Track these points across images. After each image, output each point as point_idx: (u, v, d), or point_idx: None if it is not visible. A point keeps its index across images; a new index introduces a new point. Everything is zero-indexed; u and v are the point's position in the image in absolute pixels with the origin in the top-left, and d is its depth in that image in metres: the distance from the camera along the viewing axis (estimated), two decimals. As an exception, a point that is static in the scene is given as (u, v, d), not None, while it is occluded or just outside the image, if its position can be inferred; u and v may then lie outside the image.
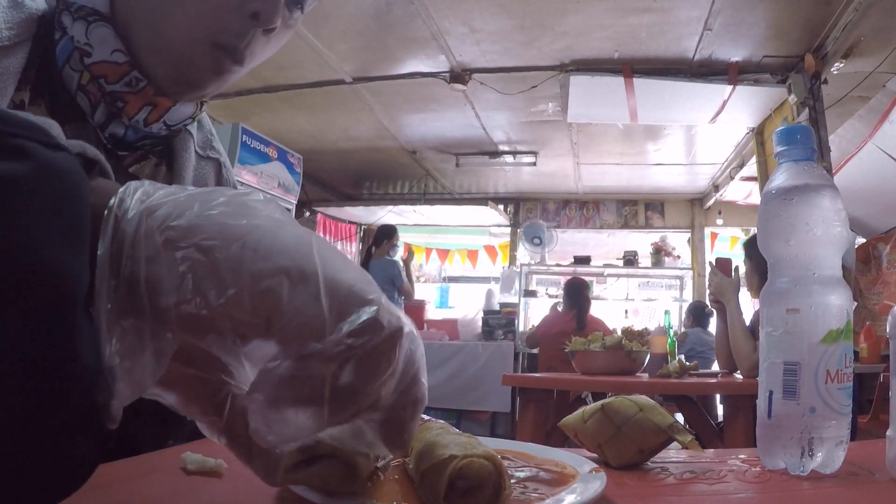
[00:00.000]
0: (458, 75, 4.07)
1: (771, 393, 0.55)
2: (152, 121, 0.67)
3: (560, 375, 2.98)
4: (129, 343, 0.30)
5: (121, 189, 0.32)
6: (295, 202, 5.03)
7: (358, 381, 0.29)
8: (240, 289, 0.29)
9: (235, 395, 0.34)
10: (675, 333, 3.44)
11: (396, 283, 4.88)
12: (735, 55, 3.72)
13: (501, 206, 6.85)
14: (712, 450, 0.69)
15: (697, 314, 5.16)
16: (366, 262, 5.17)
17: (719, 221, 6.56)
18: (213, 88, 0.68)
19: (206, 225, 0.30)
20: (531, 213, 7.10)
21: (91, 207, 0.30)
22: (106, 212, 0.30)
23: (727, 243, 6.85)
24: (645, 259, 6.75)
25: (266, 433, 0.30)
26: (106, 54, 0.62)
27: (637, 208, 7.00)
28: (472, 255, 7.84)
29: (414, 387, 0.33)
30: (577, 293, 4.46)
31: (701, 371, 2.82)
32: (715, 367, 3.32)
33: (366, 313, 0.30)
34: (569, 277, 5.48)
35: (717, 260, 2.65)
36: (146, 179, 0.33)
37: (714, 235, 6.89)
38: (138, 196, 0.31)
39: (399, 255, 5.40)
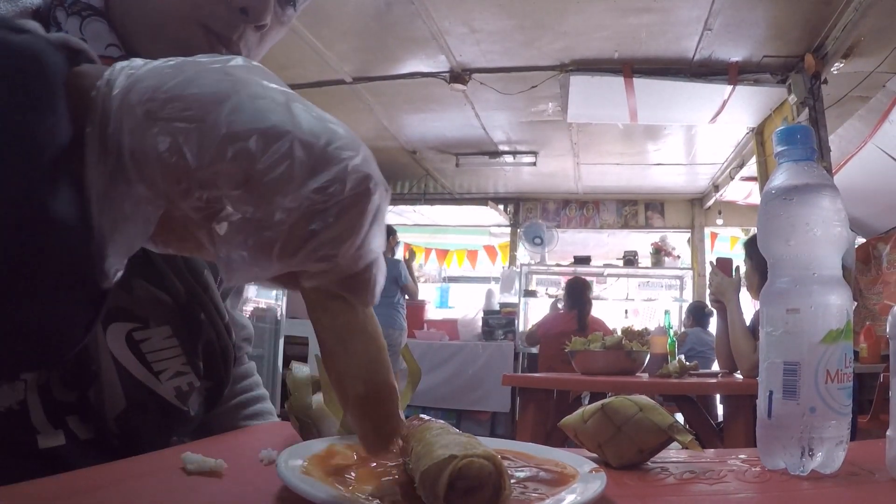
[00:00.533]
0: (458, 75, 4.07)
1: (771, 393, 0.55)
2: None
3: (560, 375, 2.98)
4: (120, 210, 0.33)
5: (107, 70, 0.34)
6: (295, 202, 5.03)
7: (322, 233, 0.32)
8: (217, 149, 0.31)
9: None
10: (675, 333, 3.44)
11: (401, 283, 4.88)
12: (735, 55, 3.72)
13: (501, 206, 6.85)
14: (712, 450, 0.69)
15: (697, 314, 5.16)
16: None
17: (719, 221, 6.56)
18: None
19: (187, 94, 0.32)
20: (531, 213, 7.10)
21: (79, 90, 0.33)
22: (94, 92, 0.33)
23: (727, 243, 6.85)
24: (645, 259, 6.75)
25: (228, 272, 0.33)
26: (100, 49, 0.62)
27: (637, 208, 7.00)
28: (472, 255, 7.84)
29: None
30: (578, 293, 4.46)
31: (701, 371, 2.82)
32: (715, 367, 3.32)
33: (332, 172, 0.32)
34: (570, 277, 5.48)
35: (718, 260, 2.65)
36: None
37: (714, 235, 6.89)
38: (125, 73, 0.33)
39: (400, 254, 5.40)
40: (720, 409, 2.66)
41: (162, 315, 0.65)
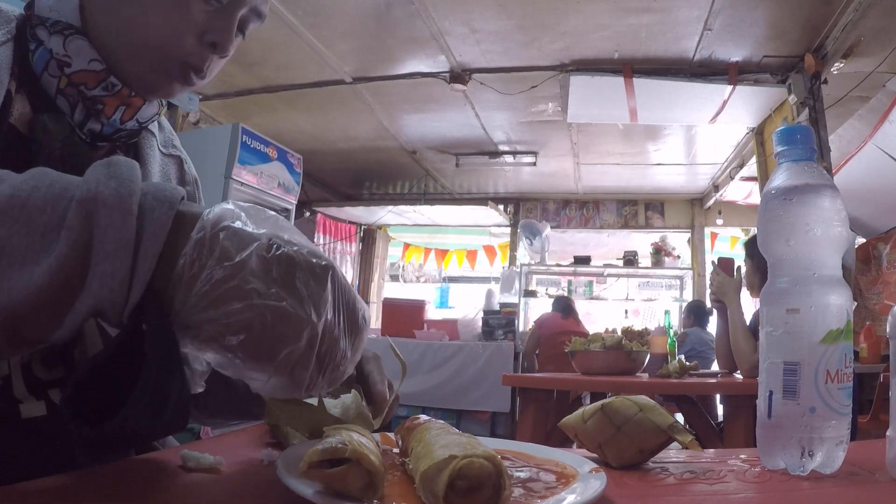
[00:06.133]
0: (458, 75, 4.07)
1: (771, 393, 0.55)
2: (126, 119, 0.75)
3: (560, 375, 2.98)
4: None
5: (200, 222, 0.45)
6: (295, 202, 5.02)
7: None
8: None
9: None
10: (675, 333, 3.44)
11: None
12: (735, 55, 3.72)
13: (501, 206, 6.85)
14: (712, 450, 0.69)
15: (696, 313, 5.14)
16: None
17: (719, 221, 6.56)
18: (178, 93, 0.77)
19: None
20: (531, 213, 7.10)
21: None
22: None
23: (727, 243, 6.85)
24: (645, 259, 6.75)
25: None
26: (84, 64, 0.69)
27: (637, 208, 7.00)
28: (472, 255, 7.84)
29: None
30: (558, 299, 4.69)
31: (701, 371, 2.82)
32: (715, 366, 3.32)
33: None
34: (568, 278, 5.53)
35: (720, 259, 2.65)
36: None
37: (714, 235, 6.89)
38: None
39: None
40: (720, 409, 2.66)
41: None
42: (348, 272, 7.23)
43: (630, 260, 6.63)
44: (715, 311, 2.66)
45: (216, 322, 0.42)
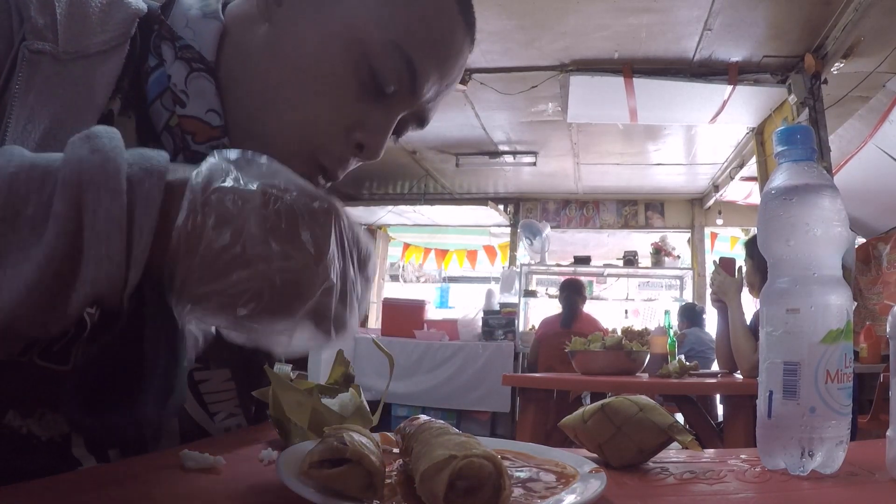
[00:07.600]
0: (458, 75, 4.07)
1: (771, 393, 0.55)
2: None
3: (560, 375, 2.98)
4: None
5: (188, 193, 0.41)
6: (295, 202, 5.02)
7: None
8: None
9: None
10: (675, 333, 3.44)
11: None
12: (735, 55, 3.72)
13: (501, 206, 6.85)
14: (712, 450, 0.69)
15: (690, 314, 5.14)
16: None
17: (719, 221, 6.56)
18: None
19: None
20: (531, 213, 7.10)
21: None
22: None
23: (727, 243, 6.85)
24: (645, 259, 6.75)
25: None
26: (200, 111, 0.58)
27: (637, 208, 7.00)
28: (472, 255, 7.84)
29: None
30: (565, 293, 4.62)
31: (701, 371, 2.82)
32: (715, 366, 3.32)
33: None
34: (566, 278, 5.51)
35: (721, 259, 2.65)
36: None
37: (714, 235, 6.89)
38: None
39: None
40: (720, 409, 2.66)
41: (223, 358, 0.65)
42: (348, 272, 7.22)
43: (630, 260, 6.63)
44: (712, 311, 2.66)
45: (223, 293, 0.39)
